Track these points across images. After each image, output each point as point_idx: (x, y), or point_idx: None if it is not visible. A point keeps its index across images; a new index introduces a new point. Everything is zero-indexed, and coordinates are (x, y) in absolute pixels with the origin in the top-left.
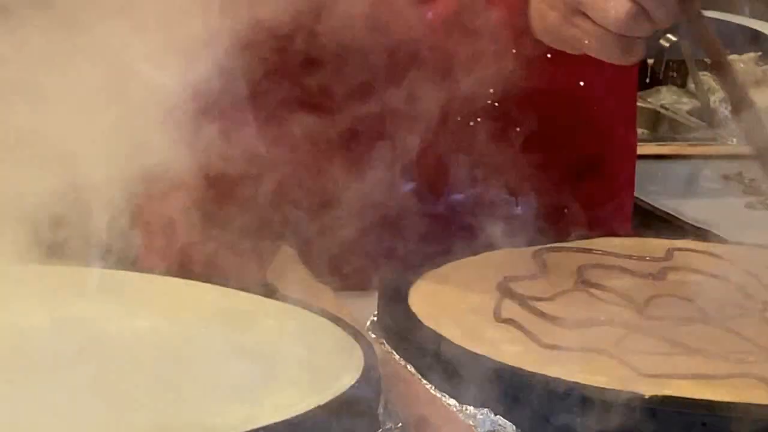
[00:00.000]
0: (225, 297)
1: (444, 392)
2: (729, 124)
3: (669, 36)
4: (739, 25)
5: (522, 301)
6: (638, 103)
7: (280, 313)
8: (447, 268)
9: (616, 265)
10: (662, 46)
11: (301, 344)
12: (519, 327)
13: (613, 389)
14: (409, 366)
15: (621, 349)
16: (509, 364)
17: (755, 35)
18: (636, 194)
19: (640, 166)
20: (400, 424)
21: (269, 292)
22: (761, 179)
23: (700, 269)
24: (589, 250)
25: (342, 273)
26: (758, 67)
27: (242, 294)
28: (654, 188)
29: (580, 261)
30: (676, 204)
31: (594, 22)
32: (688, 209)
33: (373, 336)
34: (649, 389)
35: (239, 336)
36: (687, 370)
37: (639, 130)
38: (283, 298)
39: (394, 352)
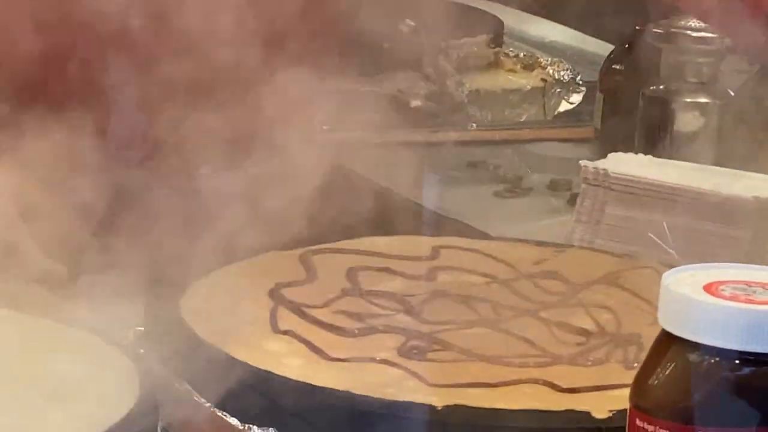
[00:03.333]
0: None
1: (226, 411)
2: (466, 108)
3: (409, 22)
4: (470, 7)
5: (297, 309)
6: (372, 88)
7: (35, 329)
8: (216, 275)
9: (384, 266)
10: (401, 32)
11: (70, 364)
12: (299, 338)
13: (405, 401)
14: (185, 384)
15: (404, 357)
16: (293, 378)
17: (485, 17)
18: (385, 184)
19: (384, 153)
20: None
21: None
22: (505, 166)
23: (467, 268)
24: (355, 251)
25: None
26: (490, 50)
27: None
28: (402, 178)
29: (348, 263)
30: (427, 194)
31: None
32: (440, 200)
33: (142, 351)
34: (440, 400)
35: None
36: (474, 377)
37: (377, 116)
38: (38, 312)
39: (170, 369)
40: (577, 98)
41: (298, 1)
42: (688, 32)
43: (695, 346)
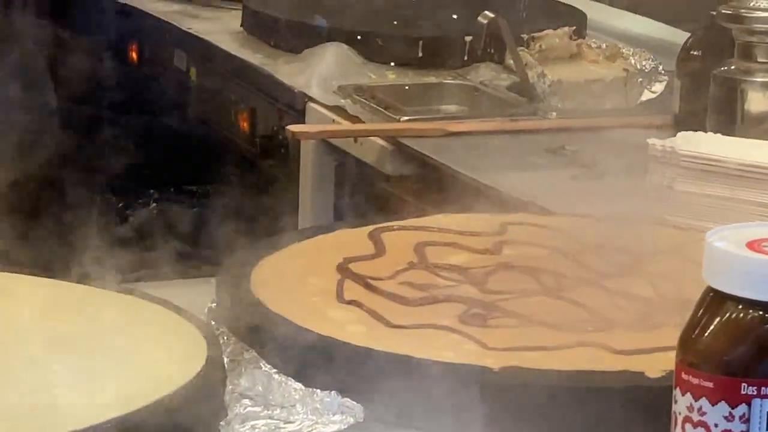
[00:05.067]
0: (51, 288)
1: (290, 376)
2: (548, 99)
3: (487, 13)
4: (551, 1)
5: (363, 281)
6: (456, 81)
7: (114, 303)
8: (285, 252)
9: (451, 241)
10: (480, 23)
11: (142, 335)
12: (363, 307)
13: (462, 363)
14: (253, 352)
15: (465, 324)
16: (355, 344)
17: (568, 9)
18: (462, 170)
19: (463, 142)
20: (247, 409)
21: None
22: (583, 152)
23: (534, 242)
24: (423, 228)
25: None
26: (572, 41)
27: (71, 285)
28: (479, 164)
29: (416, 239)
30: (503, 179)
31: None
32: (515, 183)
33: (213, 323)
34: (497, 362)
35: (74, 328)
36: (532, 342)
37: (458, 107)
38: (118, 288)
39: (238, 339)
40: (659, 87)
41: None
42: (758, 13)
43: (738, 301)
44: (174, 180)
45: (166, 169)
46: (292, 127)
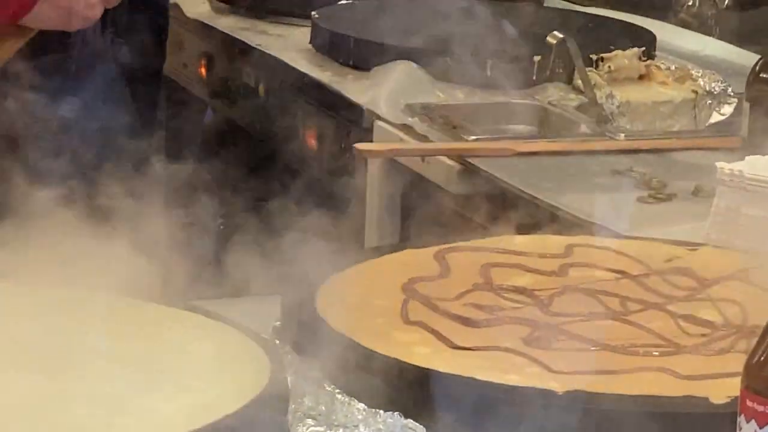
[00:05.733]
0: (120, 306)
1: (354, 397)
2: (616, 120)
3: (556, 33)
4: (621, 21)
5: (428, 302)
6: (525, 101)
7: (179, 321)
8: (351, 272)
9: (517, 263)
10: (549, 44)
11: (207, 353)
12: (428, 328)
13: (527, 387)
14: (317, 371)
15: (529, 346)
16: (420, 365)
17: (637, 30)
18: (529, 191)
19: (531, 162)
20: (310, 429)
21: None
22: (650, 174)
23: (599, 264)
24: (489, 249)
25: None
26: (641, 62)
27: (138, 303)
28: (547, 185)
29: (482, 260)
30: (570, 200)
31: None
32: (582, 204)
33: (278, 342)
34: (561, 386)
35: (140, 345)
36: (595, 365)
37: (526, 127)
38: (184, 306)
39: (302, 358)
40: (728, 109)
41: None
42: None
43: None
44: (240, 197)
45: (233, 185)
46: (360, 146)
